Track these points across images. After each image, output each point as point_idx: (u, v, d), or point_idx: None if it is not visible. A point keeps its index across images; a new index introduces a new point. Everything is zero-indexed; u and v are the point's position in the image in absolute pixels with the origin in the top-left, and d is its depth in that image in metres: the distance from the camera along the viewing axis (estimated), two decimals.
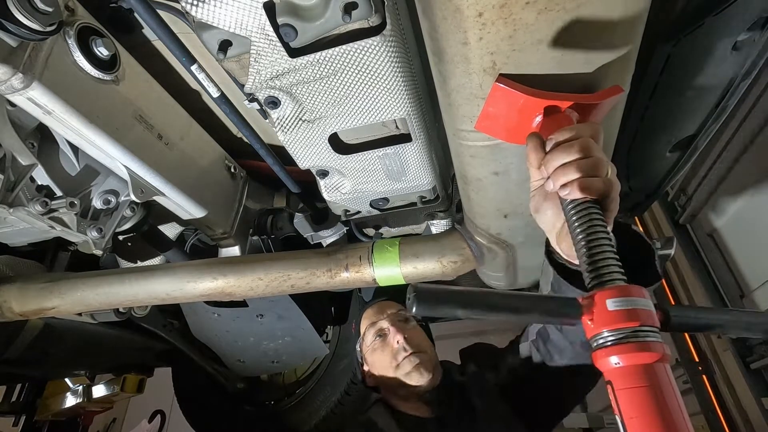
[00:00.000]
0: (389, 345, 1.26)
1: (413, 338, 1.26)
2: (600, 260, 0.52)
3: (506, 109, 0.61)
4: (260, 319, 1.77)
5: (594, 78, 0.61)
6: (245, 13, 0.70)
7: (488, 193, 0.87)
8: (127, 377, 2.68)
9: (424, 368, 1.20)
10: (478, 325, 4.78)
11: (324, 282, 1.08)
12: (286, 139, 0.95)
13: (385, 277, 1.06)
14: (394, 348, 1.24)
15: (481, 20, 0.53)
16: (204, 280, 1.09)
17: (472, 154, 0.78)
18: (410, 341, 1.24)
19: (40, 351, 1.67)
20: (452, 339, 4.91)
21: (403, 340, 1.23)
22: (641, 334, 0.47)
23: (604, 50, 0.58)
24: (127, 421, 4.82)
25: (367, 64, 0.77)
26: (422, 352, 1.23)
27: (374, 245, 1.08)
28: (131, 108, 0.94)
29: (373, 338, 1.30)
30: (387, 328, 1.29)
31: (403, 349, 1.22)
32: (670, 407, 0.44)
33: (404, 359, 1.21)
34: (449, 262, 1.05)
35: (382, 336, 1.29)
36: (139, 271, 1.14)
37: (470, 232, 1.06)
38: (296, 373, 2.56)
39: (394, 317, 1.31)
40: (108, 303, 1.14)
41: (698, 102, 0.85)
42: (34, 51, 0.74)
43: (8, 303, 1.13)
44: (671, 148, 0.98)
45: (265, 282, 1.08)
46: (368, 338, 1.32)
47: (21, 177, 0.93)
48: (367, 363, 1.34)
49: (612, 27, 0.55)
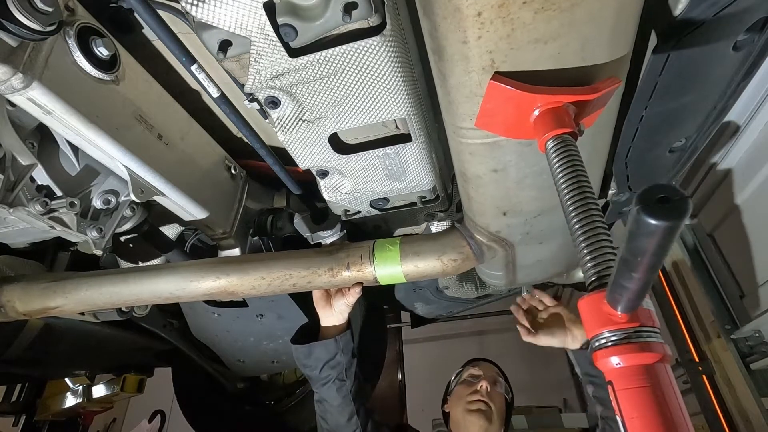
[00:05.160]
0: (474, 386, 1.56)
1: (493, 395, 1.54)
2: (601, 262, 0.52)
3: (504, 105, 0.62)
4: (260, 319, 1.77)
5: (590, 74, 0.62)
6: (245, 13, 0.70)
7: (487, 190, 0.88)
8: (127, 377, 2.68)
9: (485, 417, 1.47)
10: (478, 325, 4.78)
11: (326, 281, 1.08)
12: (286, 139, 0.95)
13: (387, 275, 1.06)
14: (476, 389, 1.54)
15: (480, 19, 0.54)
16: (207, 280, 1.09)
17: (471, 151, 0.78)
18: (490, 395, 1.53)
19: (40, 351, 1.67)
20: (452, 339, 4.91)
21: (485, 387, 1.54)
22: (642, 335, 0.47)
23: (600, 47, 0.60)
24: (127, 421, 4.82)
25: (367, 64, 0.77)
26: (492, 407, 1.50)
27: (375, 244, 1.08)
28: (131, 108, 0.94)
29: (467, 377, 1.64)
30: (481, 376, 1.61)
31: (482, 394, 1.52)
32: (671, 407, 0.44)
33: (476, 400, 1.50)
34: (449, 260, 1.05)
35: (475, 378, 1.61)
36: (143, 271, 1.13)
37: (470, 231, 1.07)
38: (296, 373, 2.56)
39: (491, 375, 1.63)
40: (111, 302, 1.13)
41: (698, 102, 0.85)
42: (34, 51, 0.74)
43: (12, 302, 1.12)
44: (671, 148, 0.98)
45: (267, 281, 1.08)
46: (464, 375, 1.66)
47: (21, 177, 0.92)
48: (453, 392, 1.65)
49: (606, 24, 0.57)
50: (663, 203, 0.33)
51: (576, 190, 0.55)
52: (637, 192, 0.34)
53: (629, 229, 0.36)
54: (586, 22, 0.55)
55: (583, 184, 0.56)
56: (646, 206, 0.34)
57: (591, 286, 0.52)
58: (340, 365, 1.28)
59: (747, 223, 2.02)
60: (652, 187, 0.34)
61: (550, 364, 4.47)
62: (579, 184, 0.56)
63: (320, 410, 1.35)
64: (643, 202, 0.34)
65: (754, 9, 0.65)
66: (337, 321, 1.27)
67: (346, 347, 1.29)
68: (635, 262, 0.39)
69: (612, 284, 0.45)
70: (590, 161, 0.85)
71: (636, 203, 0.34)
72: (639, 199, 0.34)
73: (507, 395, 1.63)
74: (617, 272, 0.43)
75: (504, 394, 1.61)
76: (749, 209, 1.99)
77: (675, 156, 1.01)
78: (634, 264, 0.40)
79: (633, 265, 0.40)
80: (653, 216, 0.33)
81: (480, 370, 1.64)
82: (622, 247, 0.40)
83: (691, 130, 0.93)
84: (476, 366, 1.67)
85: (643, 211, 0.33)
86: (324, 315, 1.28)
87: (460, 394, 1.57)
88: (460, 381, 1.64)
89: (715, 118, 0.90)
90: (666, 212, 0.33)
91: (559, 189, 0.58)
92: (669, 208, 0.33)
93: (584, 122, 0.66)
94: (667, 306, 2.62)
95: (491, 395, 1.53)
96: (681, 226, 0.34)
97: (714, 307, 2.26)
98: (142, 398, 2.94)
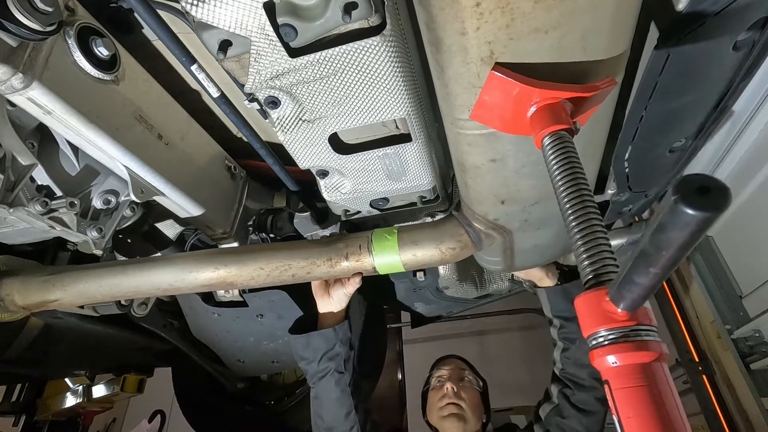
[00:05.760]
0: (442, 389, 1.52)
1: (461, 392, 1.50)
2: (598, 260, 0.52)
3: (502, 98, 0.61)
4: (260, 319, 1.77)
5: (589, 67, 0.61)
6: (245, 13, 0.70)
7: (485, 180, 0.88)
8: (127, 377, 2.68)
9: (458, 419, 1.43)
10: (478, 325, 4.78)
11: (324, 271, 1.08)
12: (286, 139, 0.95)
13: (385, 265, 1.06)
14: (444, 392, 1.50)
15: (478, 10, 0.54)
16: (206, 270, 1.08)
17: (469, 142, 0.78)
18: (458, 393, 1.49)
19: (40, 351, 1.67)
20: (452, 339, 4.91)
21: (451, 388, 1.49)
22: (639, 333, 0.47)
23: (600, 40, 0.59)
24: (127, 421, 4.82)
25: (367, 64, 0.77)
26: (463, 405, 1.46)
27: (373, 234, 1.08)
28: (131, 108, 0.94)
29: (434, 381, 1.60)
30: (446, 377, 1.56)
31: (449, 396, 1.48)
32: (668, 407, 0.43)
33: (446, 405, 1.47)
34: (448, 248, 1.05)
35: (441, 381, 1.56)
36: (142, 262, 1.13)
37: (468, 219, 1.06)
38: (296, 373, 2.56)
39: (455, 372, 1.59)
40: (111, 295, 1.13)
41: (698, 102, 0.85)
42: (34, 51, 0.75)
43: (11, 296, 1.12)
44: (671, 148, 0.98)
45: (266, 272, 1.07)
46: (431, 382, 1.62)
47: (21, 177, 0.93)
48: (427, 401, 1.61)
49: (607, 15, 0.56)
50: (703, 193, 0.32)
51: (573, 188, 0.55)
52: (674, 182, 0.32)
53: (659, 220, 0.35)
54: (586, 11, 0.55)
55: (580, 182, 0.56)
56: (684, 196, 0.32)
57: (588, 285, 0.52)
58: (339, 356, 1.26)
59: (747, 223, 2.02)
60: (690, 177, 0.32)
61: (550, 364, 4.47)
62: (576, 182, 0.55)
63: (316, 407, 1.32)
64: (681, 192, 0.32)
65: (755, 7, 0.65)
66: (335, 308, 1.26)
67: (344, 338, 1.27)
68: (658, 257, 0.38)
69: (622, 280, 0.44)
70: (584, 158, 0.85)
71: (673, 193, 0.32)
72: (677, 188, 0.32)
73: (478, 386, 1.60)
74: (632, 267, 0.41)
75: (475, 387, 1.57)
76: (749, 209, 1.98)
77: (675, 156, 1.01)
78: (656, 258, 0.38)
79: (654, 260, 0.38)
80: (692, 206, 0.32)
81: (445, 370, 1.61)
82: (643, 241, 0.38)
83: (691, 130, 0.93)
84: (440, 367, 1.64)
85: (681, 201, 0.32)
86: (322, 303, 1.27)
87: (432, 401, 1.54)
88: (430, 388, 1.61)
89: (715, 118, 0.90)
90: (706, 202, 0.32)
91: (555, 187, 0.58)
92: (709, 198, 0.32)
93: (579, 120, 0.66)
94: (667, 306, 2.62)
95: (459, 394, 1.49)
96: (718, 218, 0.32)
97: (714, 307, 2.26)
98: (142, 398, 2.94)
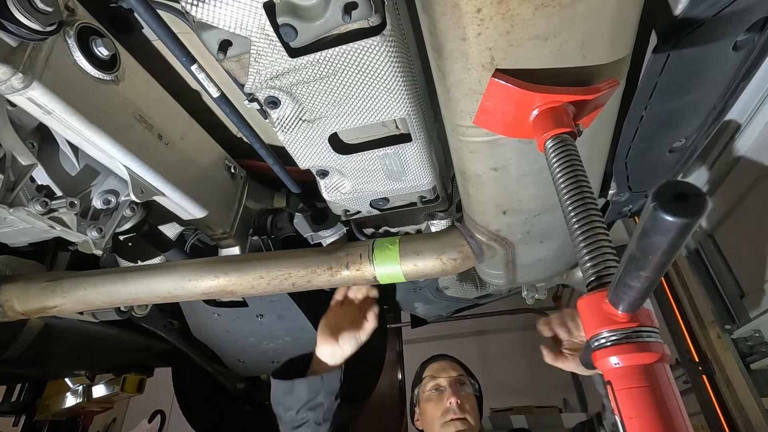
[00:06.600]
0: (443, 402, 1.41)
1: (465, 404, 1.41)
2: (600, 262, 0.52)
3: (503, 103, 0.62)
4: (260, 319, 1.77)
5: (590, 72, 0.62)
6: (245, 13, 0.70)
7: (487, 188, 0.88)
8: (127, 377, 2.68)
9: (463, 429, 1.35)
10: (478, 325, 4.78)
11: (325, 280, 1.08)
12: (286, 139, 0.95)
13: (386, 275, 1.06)
14: (446, 407, 1.40)
15: (479, 16, 0.54)
16: (206, 279, 1.09)
17: (471, 149, 0.78)
18: (462, 406, 1.39)
19: (40, 351, 1.67)
20: (452, 339, 4.91)
21: (455, 403, 1.39)
22: (641, 335, 0.47)
23: (600, 46, 0.59)
24: (127, 421, 4.83)
25: (367, 64, 0.77)
26: (468, 419, 1.38)
27: (374, 243, 1.08)
28: (131, 108, 0.94)
29: (430, 390, 1.48)
30: (445, 387, 1.45)
31: (453, 411, 1.38)
32: (670, 407, 0.44)
33: (451, 421, 1.37)
34: (449, 259, 1.05)
35: (439, 391, 1.45)
36: (141, 270, 1.13)
37: (470, 230, 1.07)
38: None
39: (455, 380, 1.48)
40: (110, 302, 1.13)
41: (698, 102, 0.85)
42: (34, 51, 0.74)
43: (10, 302, 1.12)
44: (671, 148, 0.98)
45: (266, 280, 1.08)
46: (426, 387, 1.50)
47: (21, 177, 0.93)
48: (419, 407, 1.51)
49: (607, 22, 0.57)
50: (680, 200, 0.33)
51: (575, 190, 0.55)
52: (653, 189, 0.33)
53: (642, 226, 0.36)
54: (586, 18, 0.55)
55: (582, 185, 0.56)
56: (662, 203, 0.33)
57: (590, 287, 0.52)
58: (320, 407, 1.13)
59: (747, 223, 2.02)
60: (668, 184, 0.33)
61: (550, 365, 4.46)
62: (578, 185, 0.56)
63: None
64: (659, 199, 0.33)
65: (754, 9, 0.65)
66: (339, 357, 1.15)
67: (330, 387, 1.14)
68: (645, 261, 0.39)
69: (617, 283, 0.44)
70: (589, 161, 0.85)
71: (652, 200, 0.33)
72: (655, 195, 0.33)
73: (475, 390, 1.51)
74: (624, 271, 0.42)
75: (472, 392, 1.49)
76: (749, 209, 1.98)
77: (675, 156, 1.01)
78: (643, 262, 0.39)
79: (642, 264, 0.39)
80: (670, 213, 0.32)
81: (443, 378, 1.48)
82: (632, 245, 0.39)
83: (691, 130, 0.93)
84: (436, 373, 1.51)
85: (659, 208, 0.33)
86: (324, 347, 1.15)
87: (432, 414, 1.42)
88: (425, 398, 1.48)
89: (715, 118, 0.90)
90: (683, 209, 0.32)
91: (558, 189, 0.58)
92: (686, 205, 0.33)
93: (582, 122, 0.66)
94: (667, 306, 2.62)
95: (464, 406, 1.40)
96: (697, 224, 0.33)
97: (714, 307, 2.26)
98: (142, 398, 2.94)
